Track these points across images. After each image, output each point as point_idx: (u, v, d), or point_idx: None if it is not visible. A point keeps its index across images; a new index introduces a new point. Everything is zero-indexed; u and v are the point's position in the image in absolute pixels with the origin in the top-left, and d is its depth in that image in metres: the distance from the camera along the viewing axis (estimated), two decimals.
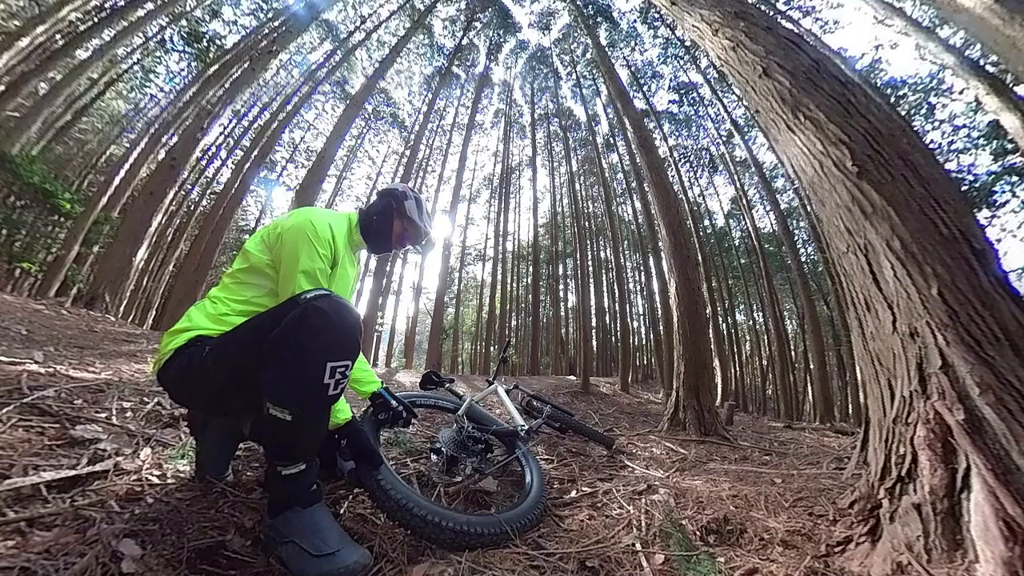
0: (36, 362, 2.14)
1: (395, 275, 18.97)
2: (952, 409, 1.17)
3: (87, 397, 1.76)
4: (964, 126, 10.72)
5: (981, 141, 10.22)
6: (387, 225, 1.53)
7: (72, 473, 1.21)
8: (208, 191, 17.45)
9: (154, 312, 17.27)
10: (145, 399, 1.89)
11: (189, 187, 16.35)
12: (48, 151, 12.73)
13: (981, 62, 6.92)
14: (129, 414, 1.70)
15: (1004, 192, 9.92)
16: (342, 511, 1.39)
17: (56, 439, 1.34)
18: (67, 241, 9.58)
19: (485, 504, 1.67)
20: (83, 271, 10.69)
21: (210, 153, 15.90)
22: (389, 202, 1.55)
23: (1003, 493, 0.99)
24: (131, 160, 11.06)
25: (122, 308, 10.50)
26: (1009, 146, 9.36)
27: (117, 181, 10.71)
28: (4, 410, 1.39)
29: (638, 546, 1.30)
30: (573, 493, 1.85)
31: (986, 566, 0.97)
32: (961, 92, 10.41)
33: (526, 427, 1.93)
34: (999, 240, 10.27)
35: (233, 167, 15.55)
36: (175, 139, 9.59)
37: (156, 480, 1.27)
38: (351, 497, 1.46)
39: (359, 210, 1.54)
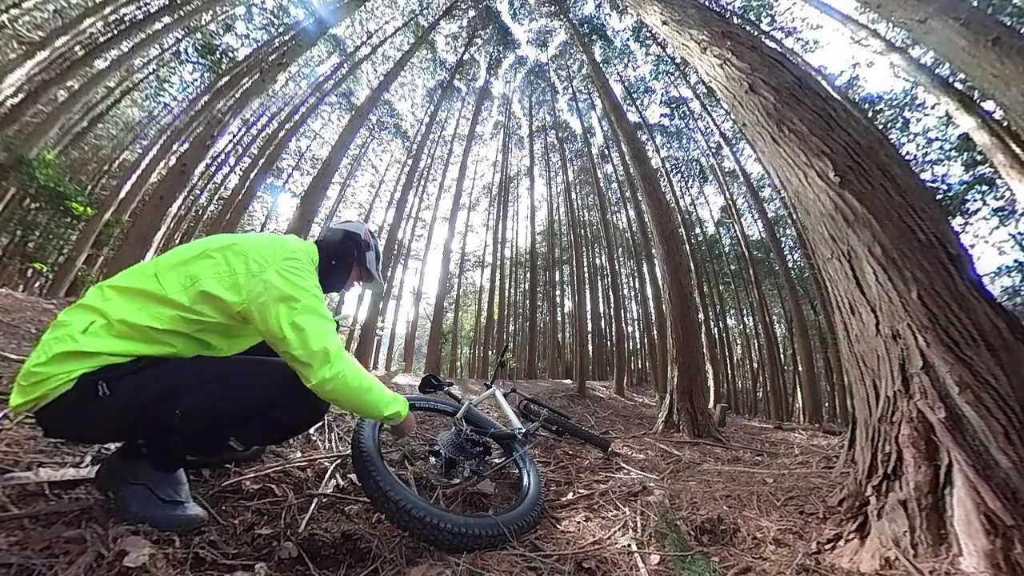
0: None
1: (396, 280, 19.24)
2: (934, 408, 1.20)
3: None
4: (936, 139, 11.21)
5: (953, 153, 10.67)
6: (345, 272, 1.50)
7: (76, 471, 1.23)
8: (216, 196, 17.74)
9: None
10: None
11: (198, 192, 16.59)
12: (64, 155, 12.94)
13: (950, 79, 7.31)
14: None
15: (975, 200, 10.47)
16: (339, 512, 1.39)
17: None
18: (79, 243, 9.73)
19: (483, 506, 1.68)
20: (93, 272, 10.90)
21: (219, 160, 16.08)
22: (351, 248, 1.50)
23: (983, 488, 1.03)
24: (143, 165, 11.31)
25: None
26: (979, 157, 9.85)
27: (129, 185, 10.92)
28: None
29: (634, 547, 1.31)
30: (570, 495, 1.87)
31: (969, 559, 0.99)
32: (933, 107, 10.89)
33: (523, 430, 1.92)
34: (972, 246, 10.78)
35: (241, 174, 15.85)
36: (186, 146, 9.60)
37: None
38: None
39: (317, 244, 1.43)
